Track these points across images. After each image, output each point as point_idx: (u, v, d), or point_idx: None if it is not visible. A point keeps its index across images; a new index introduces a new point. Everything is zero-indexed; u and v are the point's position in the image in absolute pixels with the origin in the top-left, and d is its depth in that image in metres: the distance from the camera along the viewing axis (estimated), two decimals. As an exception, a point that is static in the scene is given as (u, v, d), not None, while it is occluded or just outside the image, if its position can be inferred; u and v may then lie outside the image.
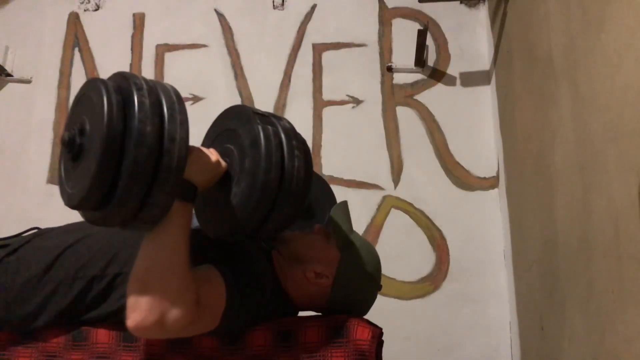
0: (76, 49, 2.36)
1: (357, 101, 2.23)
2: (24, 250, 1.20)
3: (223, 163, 1.10)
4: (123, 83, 0.96)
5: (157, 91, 0.97)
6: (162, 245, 1.02)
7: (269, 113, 1.16)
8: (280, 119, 1.15)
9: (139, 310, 0.99)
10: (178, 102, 0.98)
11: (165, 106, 0.96)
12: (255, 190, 1.05)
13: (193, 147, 1.03)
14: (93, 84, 0.98)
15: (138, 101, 0.93)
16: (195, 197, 1.06)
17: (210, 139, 1.18)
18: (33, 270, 1.16)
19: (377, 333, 1.18)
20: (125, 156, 0.91)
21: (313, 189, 1.20)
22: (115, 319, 1.18)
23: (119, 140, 0.91)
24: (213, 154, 1.09)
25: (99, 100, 0.92)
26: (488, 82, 2.21)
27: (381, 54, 2.28)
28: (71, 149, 0.97)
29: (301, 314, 1.29)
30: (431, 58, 2.25)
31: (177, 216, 1.03)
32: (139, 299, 1.00)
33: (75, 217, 2.24)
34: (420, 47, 2.12)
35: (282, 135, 1.11)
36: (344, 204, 1.34)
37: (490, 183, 2.12)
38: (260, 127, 1.08)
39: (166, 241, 1.02)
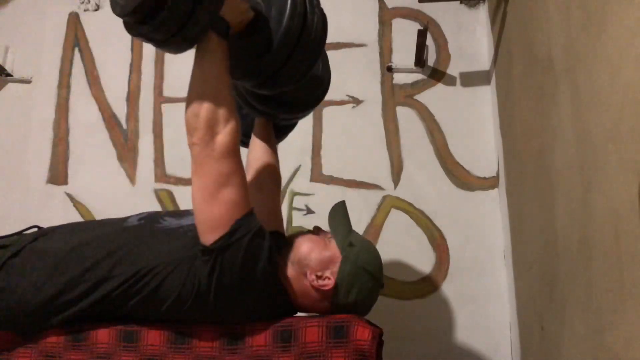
0: (76, 49, 2.36)
1: (357, 101, 2.23)
2: (27, 252, 1.20)
3: (251, 12, 1.23)
4: None
5: None
6: (209, 70, 1.18)
7: None
8: None
9: (200, 128, 1.16)
10: None
11: None
12: (279, 33, 1.21)
13: None
14: None
15: None
16: (228, 35, 1.20)
17: None
18: (37, 272, 1.16)
19: (377, 333, 1.18)
20: None
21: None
22: (120, 313, 1.18)
23: None
24: (243, 2, 1.22)
25: None
26: (488, 82, 2.21)
27: (381, 54, 2.28)
28: None
29: (303, 314, 1.29)
30: (431, 58, 2.25)
31: (216, 46, 1.18)
32: (197, 118, 1.16)
33: (75, 217, 2.24)
34: (420, 47, 2.12)
35: None
36: (342, 203, 1.35)
37: (490, 183, 2.12)
38: None
39: (211, 69, 1.18)
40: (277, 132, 1.64)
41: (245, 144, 1.65)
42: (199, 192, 1.17)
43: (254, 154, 1.55)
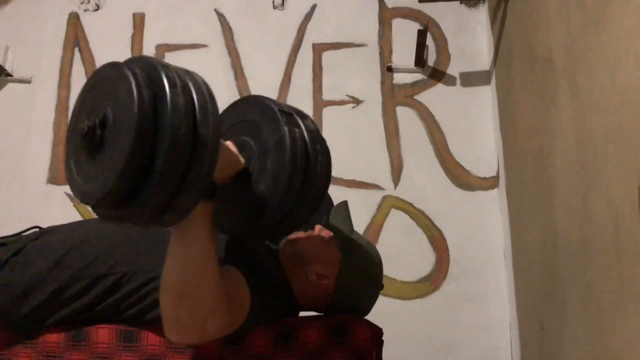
0: (76, 49, 2.36)
1: (357, 101, 2.23)
2: (29, 249, 1.20)
3: (242, 160, 1.06)
4: (153, 73, 0.88)
5: (190, 88, 0.90)
6: (191, 252, 0.98)
7: (292, 109, 1.11)
8: (304, 117, 1.11)
9: (181, 325, 0.98)
10: (211, 102, 0.91)
11: (197, 106, 0.89)
12: (277, 194, 1.02)
13: None
14: (119, 70, 0.89)
15: (172, 100, 0.85)
16: (214, 195, 1.01)
17: (225, 126, 1.11)
18: (38, 268, 1.16)
19: (377, 333, 1.18)
20: (157, 158, 0.85)
21: None
22: (120, 317, 1.18)
23: (149, 140, 0.85)
24: (233, 149, 1.06)
25: (129, 94, 0.85)
26: (488, 82, 2.21)
27: (381, 54, 2.28)
28: (90, 140, 0.89)
29: (303, 314, 1.29)
30: (431, 58, 2.25)
31: (200, 217, 0.99)
32: (178, 312, 0.97)
33: (75, 217, 2.23)
34: (420, 47, 2.12)
35: (307, 139, 1.07)
36: (344, 203, 1.35)
37: (490, 183, 2.12)
38: (287, 129, 1.04)
39: (195, 247, 0.99)
40: None
41: None
42: None
43: None
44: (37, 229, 1.32)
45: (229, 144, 1.06)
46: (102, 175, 0.87)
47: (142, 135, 0.84)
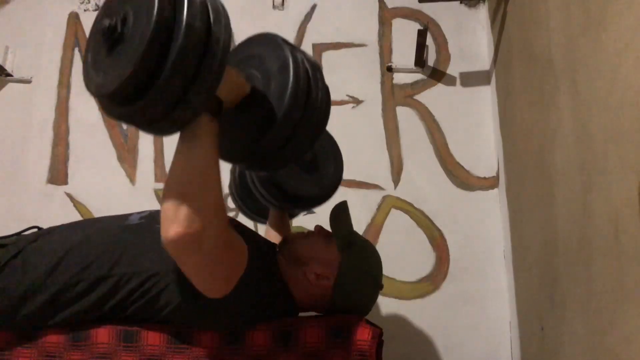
0: (76, 49, 2.36)
1: (357, 101, 2.23)
2: (28, 252, 1.20)
3: (248, 85, 1.10)
4: None
5: None
6: (195, 158, 1.01)
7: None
8: (304, 52, 1.16)
9: (179, 222, 0.97)
10: (222, 8, 0.98)
11: (211, 8, 0.95)
12: (280, 113, 1.06)
13: None
14: None
15: (188, 0, 0.91)
16: (221, 114, 1.04)
17: (232, 63, 1.14)
18: (38, 271, 1.16)
19: (377, 333, 1.18)
20: (171, 50, 0.89)
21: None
22: (120, 316, 1.18)
23: (166, 33, 0.89)
24: (240, 74, 1.09)
25: None
26: (488, 82, 2.21)
27: (381, 54, 2.28)
28: (110, 36, 0.93)
29: (303, 314, 1.29)
30: (431, 58, 2.25)
31: (206, 129, 1.01)
32: (178, 209, 0.97)
33: (75, 217, 2.23)
34: (420, 47, 2.12)
35: (308, 65, 1.12)
36: (344, 203, 1.35)
37: (490, 183, 2.12)
38: (290, 53, 1.09)
39: (199, 155, 1.01)
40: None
41: (260, 222, 1.68)
42: (191, 275, 1.07)
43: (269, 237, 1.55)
44: (36, 229, 1.32)
45: (237, 70, 1.10)
46: (120, 66, 0.91)
47: (160, 27, 0.88)
